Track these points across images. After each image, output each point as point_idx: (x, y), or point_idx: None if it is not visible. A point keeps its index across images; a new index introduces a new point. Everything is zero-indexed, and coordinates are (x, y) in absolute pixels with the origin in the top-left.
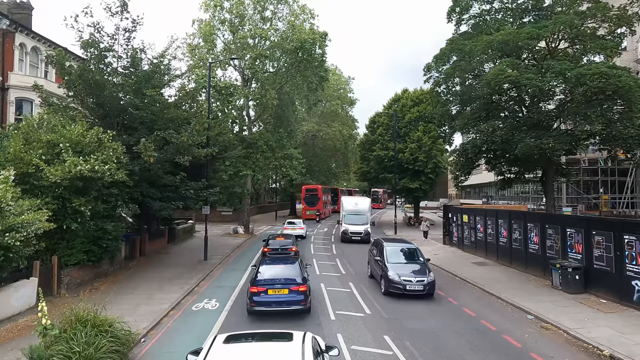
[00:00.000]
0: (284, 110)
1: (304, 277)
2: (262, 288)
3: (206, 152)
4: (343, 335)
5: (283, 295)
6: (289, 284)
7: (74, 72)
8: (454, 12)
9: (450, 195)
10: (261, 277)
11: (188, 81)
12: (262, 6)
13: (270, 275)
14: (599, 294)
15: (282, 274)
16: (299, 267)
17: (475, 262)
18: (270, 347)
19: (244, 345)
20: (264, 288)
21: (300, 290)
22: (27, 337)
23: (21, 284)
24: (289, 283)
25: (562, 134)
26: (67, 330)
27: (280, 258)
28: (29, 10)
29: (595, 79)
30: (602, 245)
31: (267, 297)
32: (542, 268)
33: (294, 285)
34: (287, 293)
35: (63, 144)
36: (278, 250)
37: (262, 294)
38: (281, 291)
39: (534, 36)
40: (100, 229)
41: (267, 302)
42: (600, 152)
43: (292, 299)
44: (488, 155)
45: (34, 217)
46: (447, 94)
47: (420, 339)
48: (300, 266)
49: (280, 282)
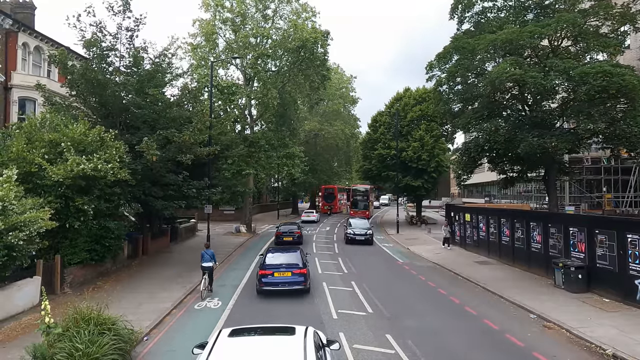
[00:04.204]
0: (286, 109)
1: (304, 263)
2: (269, 271)
3: (208, 150)
4: (345, 334)
5: (287, 277)
6: (292, 267)
7: (77, 72)
8: (456, 10)
9: (453, 194)
10: (268, 262)
11: (190, 81)
12: (264, 5)
13: (276, 261)
14: (602, 293)
15: (285, 260)
16: (300, 254)
17: (478, 261)
18: (274, 340)
19: (248, 339)
20: (271, 271)
21: (301, 273)
22: (30, 336)
23: (24, 283)
24: (292, 267)
25: (565, 133)
26: (70, 328)
27: (284, 248)
28: (31, 10)
29: (598, 77)
30: (605, 244)
31: (273, 278)
32: (544, 267)
33: (296, 269)
34: (290, 275)
35: (65, 143)
36: (287, 232)
37: (270, 276)
38: (285, 274)
39: (537, 34)
40: (103, 227)
41: (274, 282)
42: (604, 150)
43: (294, 280)
44: (491, 154)
45: (36, 215)
46: (449, 93)
47: (422, 337)
48: (300, 254)
49: (284, 266)
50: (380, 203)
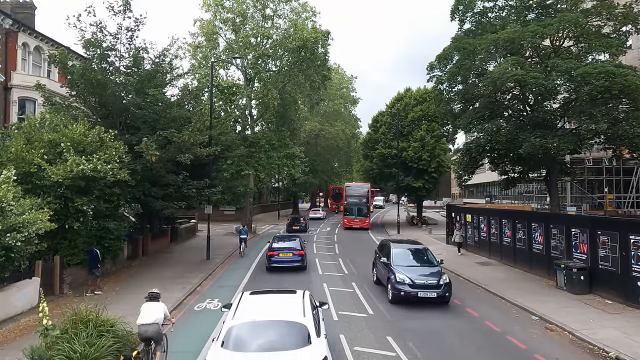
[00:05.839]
0: (287, 109)
1: (302, 246)
2: (276, 252)
3: (208, 151)
4: (346, 336)
5: (289, 257)
6: (293, 250)
7: (76, 72)
8: (457, 11)
9: (453, 194)
10: (275, 246)
11: (191, 81)
12: (263, 4)
13: (281, 245)
14: (605, 294)
15: (288, 245)
16: (299, 241)
17: (479, 262)
18: (281, 297)
19: (264, 296)
20: (277, 252)
21: (300, 254)
22: (29, 337)
23: (23, 284)
24: (293, 249)
25: (567, 134)
26: (68, 330)
27: (287, 236)
28: (31, 10)
29: (601, 77)
30: (607, 246)
31: (279, 258)
32: (546, 268)
33: (296, 251)
34: (291, 255)
35: (64, 144)
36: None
37: (276, 256)
38: (288, 254)
39: (539, 34)
40: (102, 228)
41: (279, 260)
42: (605, 151)
43: (295, 259)
44: (492, 155)
45: (35, 216)
46: (449, 93)
47: (423, 339)
48: (299, 241)
49: (287, 249)
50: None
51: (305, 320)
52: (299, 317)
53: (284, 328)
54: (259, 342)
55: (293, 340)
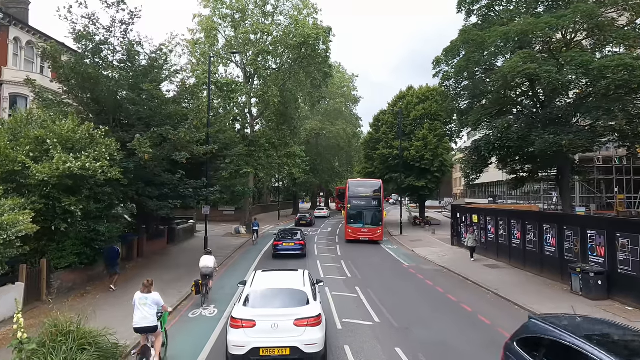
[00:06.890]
0: (287, 107)
1: (302, 237)
2: (280, 242)
3: (205, 149)
4: (351, 348)
5: (291, 246)
6: (294, 240)
7: (67, 65)
8: (464, 3)
9: (455, 194)
10: (280, 237)
11: (189, 77)
12: (263, 1)
13: (284, 237)
14: (624, 300)
15: (291, 236)
16: (300, 234)
17: (487, 265)
18: (288, 273)
19: (273, 272)
20: (281, 242)
21: (300, 244)
22: (7, 351)
23: (5, 290)
24: (295, 240)
25: (582, 130)
26: (46, 344)
27: (290, 230)
28: (25, 5)
29: (619, 71)
30: (627, 249)
31: (282, 247)
32: (559, 272)
33: (297, 241)
34: (293, 245)
35: (51, 140)
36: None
37: (280, 245)
38: (290, 244)
39: (553, 26)
40: (92, 230)
41: (283, 249)
42: (616, 149)
43: (296, 248)
44: (502, 153)
45: (15, 218)
46: (456, 88)
47: (434, 350)
48: (300, 233)
49: (290, 239)
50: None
51: (304, 289)
52: (300, 286)
53: (289, 293)
54: (271, 302)
55: (295, 302)
